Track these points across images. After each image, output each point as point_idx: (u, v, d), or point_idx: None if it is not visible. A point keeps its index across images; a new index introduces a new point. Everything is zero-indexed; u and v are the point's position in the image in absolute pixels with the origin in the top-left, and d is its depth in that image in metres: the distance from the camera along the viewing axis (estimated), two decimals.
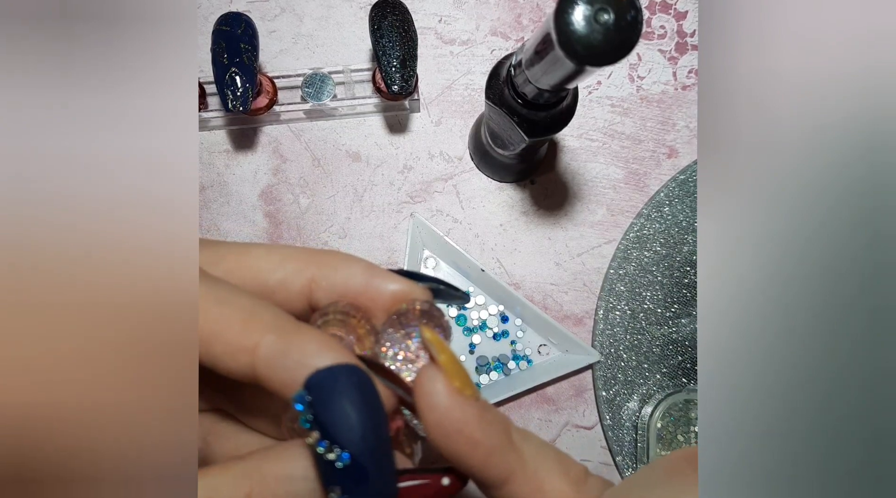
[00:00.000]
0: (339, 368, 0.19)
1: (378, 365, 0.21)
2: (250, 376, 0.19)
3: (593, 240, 0.47)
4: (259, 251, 0.22)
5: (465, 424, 0.19)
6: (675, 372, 0.45)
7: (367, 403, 0.19)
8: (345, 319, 0.22)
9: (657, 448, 0.43)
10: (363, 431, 0.19)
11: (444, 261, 0.46)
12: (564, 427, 0.46)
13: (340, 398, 0.19)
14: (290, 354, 0.19)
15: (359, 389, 0.19)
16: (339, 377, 0.19)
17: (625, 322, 0.45)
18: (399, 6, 0.41)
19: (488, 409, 0.20)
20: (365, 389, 0.20)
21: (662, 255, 0.46)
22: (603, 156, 0.47)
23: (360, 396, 0.19)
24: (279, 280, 0.22)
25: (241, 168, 0.47)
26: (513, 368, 0.46)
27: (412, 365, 0.22)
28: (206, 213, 0.46)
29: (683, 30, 0.48)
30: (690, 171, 0.46)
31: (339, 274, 0.22)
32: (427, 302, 0.22)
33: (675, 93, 0.48)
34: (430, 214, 0.47)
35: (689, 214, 0.46)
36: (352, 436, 0.19)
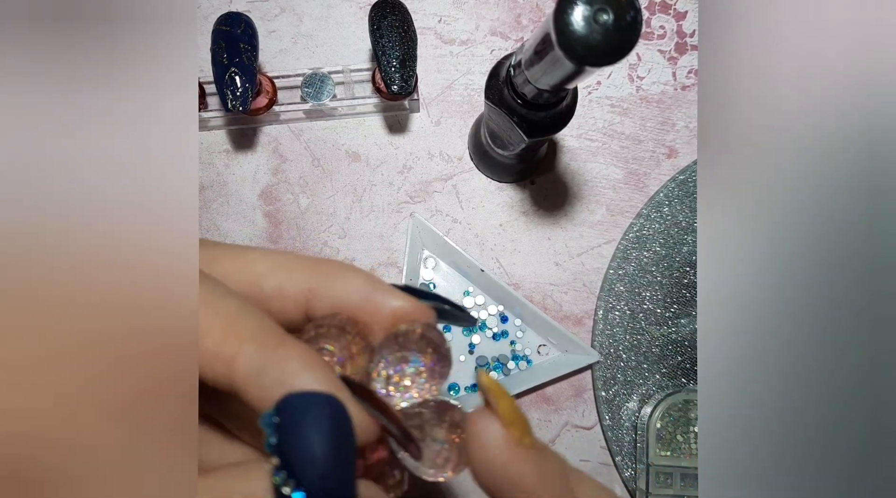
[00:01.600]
0: (315, 396, 0.18)
1: (366, 390, 0.20)
2: (228, 387, 0.18)
3: (593, 240, 0.47)
4: (256, 255, 0.21)
5: (525, 477, 0.18)
6: (675, 372, 0.45)
7: (337, 439, 0.18)
8: (339, 334, 0.21)
9: (657, 448, 0.43)
10: (325, 469, 0.17)
11: (443, 261, 0.46)
12: (564, 427, 0.46)
13: (308, 429, 0.17)
14: (269, 370, 0.18)
15: (331, 421, 0.18)
16: (311, 405, 0.18)
17: (624, 322, 0.45)
18: (399, 6, 0.41)
19: (547, 456, 0.19)
20: (338, 423, 0.18)
21: (662, 255, 0.46)
22: (602, 156, 0.47)
23: (330, 429, 0.18)
24: (275, 287, 0.21)
25: (241, 168, 0.47)
26: (512, 369, 0.46)
27: (406, 392, 0.21)
28: (206, 213, 0.46)
29: (683, 30, 0.48)
30: (690, 172, 0.46)
31: (339, 286, 0.21)
32: (430, 325, 0.21)
33: (674, 93, 0.48)
34: (430, 214, 0.47)
35: (688, 214, 0.46)
36: (312, 472, 0.17)
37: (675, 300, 0.46)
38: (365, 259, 0.47)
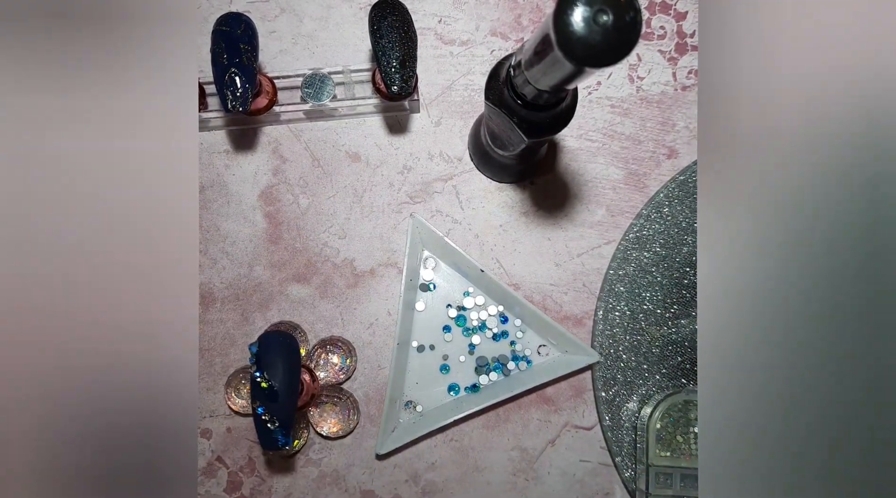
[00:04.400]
0: (282, 334, 0.39)
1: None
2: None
3: (593, 240, 0.47)
4: None
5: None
6: (675, 373, 0.45)
7: (292, 360, 0.38)
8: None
9: (656, 449, 0.43)
10: (283, 374, 0.37)
11: (443, 261, 0.46)
12: (564, 428, 0.46)
13: (278, 351, 0.38)
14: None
15: (290, 350, 0.39)
16: (280, 339, 0.39)
17: (624, 323, 0.45)
18: (399, 7, 0.41)
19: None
20: (293, 352, 0.39)
21: (662, 255, 0.46)
22: (602, 156, 0.47)
23: (289, 353, 0.39)
24: None
25: (241, 168, 0.47)
26: (512, 369, 0.46)
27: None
28: (206, 214, 0.46)
29: (683, 30, 0.48)
30: (690, 172, 0.46)
31: None
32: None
33: (674, 93, 0.48)
34: (430, 215, 0.47)
35: (688, 215, 0.46)
36: (276, 374, 0.37)
37: (675, 301, 0.46)
38: (365, 259, 0.47)
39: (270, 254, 0.47)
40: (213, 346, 0.46)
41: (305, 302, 0.46)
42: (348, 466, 0.45)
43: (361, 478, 0.45)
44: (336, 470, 0.45)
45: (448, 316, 0.46)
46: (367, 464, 0.45)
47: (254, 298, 0.46)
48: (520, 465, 0.46)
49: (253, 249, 0.47)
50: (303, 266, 0.47)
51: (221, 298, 0.46)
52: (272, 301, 0.46)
